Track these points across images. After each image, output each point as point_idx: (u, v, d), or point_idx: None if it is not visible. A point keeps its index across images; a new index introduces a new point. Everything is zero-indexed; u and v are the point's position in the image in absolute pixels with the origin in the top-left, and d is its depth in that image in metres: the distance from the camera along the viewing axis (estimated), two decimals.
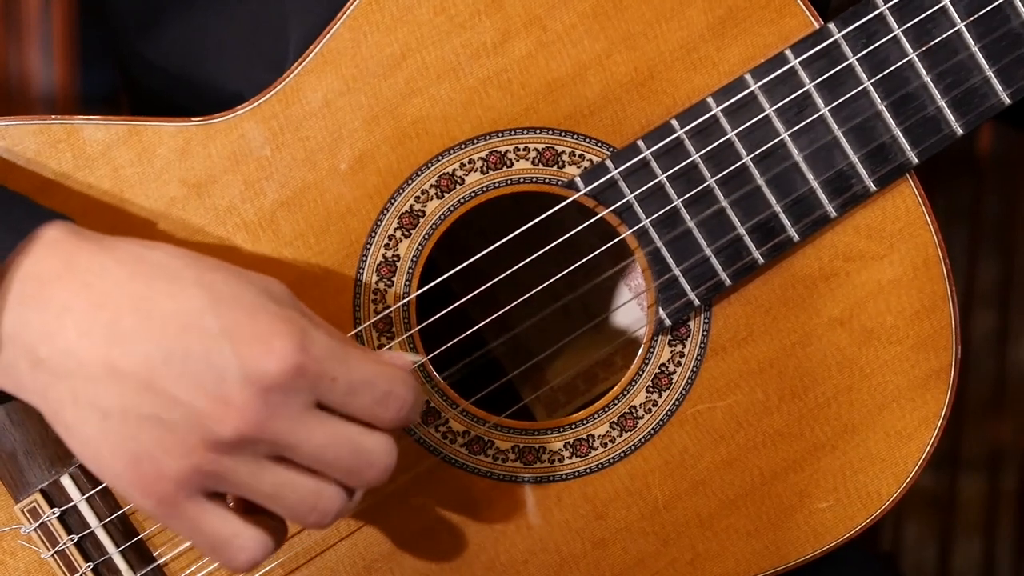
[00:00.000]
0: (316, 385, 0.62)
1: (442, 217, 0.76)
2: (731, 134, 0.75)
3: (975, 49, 0.74)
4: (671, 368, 0.77)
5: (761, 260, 0.76)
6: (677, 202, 0.76)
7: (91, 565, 0.74)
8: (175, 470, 0.61)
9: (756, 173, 0.76)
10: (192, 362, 0.60)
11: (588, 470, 0.78)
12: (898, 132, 0.75)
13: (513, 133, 0.75)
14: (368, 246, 0.76)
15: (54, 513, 0.73)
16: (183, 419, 0.60)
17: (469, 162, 0.75)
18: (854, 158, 0.76)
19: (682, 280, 0.76)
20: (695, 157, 0.75)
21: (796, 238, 0.76)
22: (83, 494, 0.74)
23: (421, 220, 0.75)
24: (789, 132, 0.75)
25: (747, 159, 0.75)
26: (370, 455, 0.64)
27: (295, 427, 0.61)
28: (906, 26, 0.74)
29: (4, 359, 0.63)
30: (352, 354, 0.64)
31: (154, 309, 0.61)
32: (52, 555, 0.74)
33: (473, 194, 0.76)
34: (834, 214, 0.76)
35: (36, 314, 0.62)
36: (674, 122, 0.75)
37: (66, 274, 0.62)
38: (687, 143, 0.75)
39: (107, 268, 0.62)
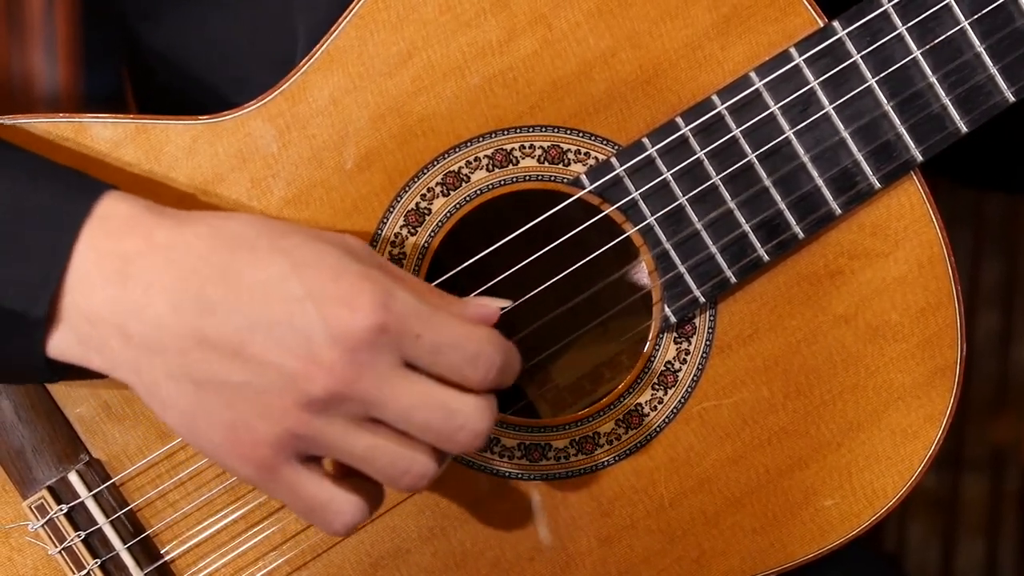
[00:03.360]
0: (400, 342, 0.62)
1: (448, 215, 0.76)
2: (736, 131, 0.75)
3: (979, 47, 0.75)
4: (676, 366, 0.77)
5: (766, 257, 0.76)
6: (682, 200, 0.76)
7: (98, 562, 0.74)
8: (271, 434, 0.61)
9: (761, 171, 0.76)
10: (279, 327, 0.61)
11: (594, 467, 0.78)
12: (903, 130, 0.76)
13: (519, 131, 0.76)
14: (374, 243, 0.76)
15: (61, 510, 0.73)
16: (274, 382, 0.61)
17: (475, 160, 0.76)
18: (859, 155, 0.76)
19: (687, 278, 0.76)
20: (700, 155, 0.75)
21: (801, 235, 0.76)
22: (90, 491, 0.74)
23: (427, 217, 0.76)
24: (794, 130, 0.75)
25: (752, 157, 0.75)
26: (461, 418, 0.63)
27: (383, 385, 0.61)
28: (910, 24, 0.74)
29: (96, 338, 0.63)
30: (438, 313, 0.63)
31: (238, 279, 0.62)
32: (60, 552, 0.74)
33: (479, 192, 0.76)
34: (839, 212, 0.76)
35: (123, 292, 0.62)
36: (679, 120, 0.75)
37: (148, 251, 0.63)
38: (692, 141, 0.75)
39: (188, 243, 0.63)
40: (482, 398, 0.64)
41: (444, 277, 0.76)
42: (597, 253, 0.77)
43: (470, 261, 0.76)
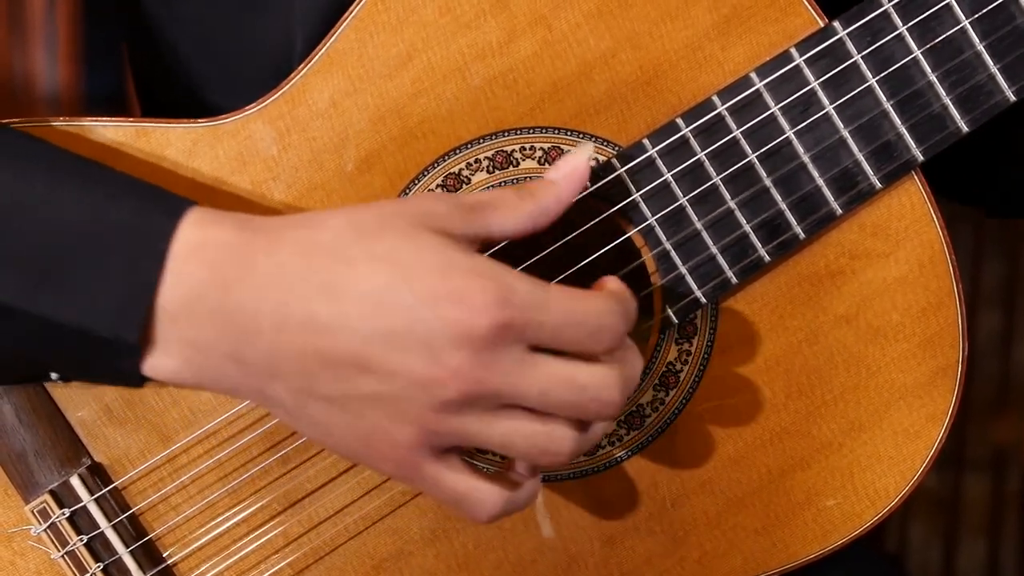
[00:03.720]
0: (524, 334, 0.61)
1: None
2: (736, 132, 0.75)
3: (980, 46, 0.75)
4: (678, 366, 0.77)
5: (767, 258, 0.76)
6: (683, 200, 0.76)
7: (101, 565, 0.74)
8: (407, 437, 0.61)
9: (762, 171, 0.76)
10: (398, 337, 0.60)
11: (596, 469, 0.78)
12: (903, 130, 0.76)
13: (519, 132, 0.76)
14: None
15: (64, 514, 0.73)
16: (403, 390, 0.60)
17: (475, 162, 0.76)
18: (859, 156, 0.76)
19: (688, 278, 0.76)
20: (700, 155, 0.75)
21: (802, 236, 0.76)
22: (92, 495, 0.74)
23: None
24: (794, 130, 0.75)
25: (752, 157, 0.75)
26: (593, 390, 0.63)
27: (513, 378, 0.61)
28: (910, 23, 0.74)
29: (212, 367, 0.63)
30: (553, 293, 0.63)
31: (343, 295, 0.61)
32: (62, 556, 0.74)
33: None
34: (840, 212, 0.76)
35: (228, 322, 0.62)
36: (679, 121, 0.75)
37: (247, 277, 0.62)
38: (692, 142, 0.75)
39: (284, 265, 0.62)
40: (609, 367, 0.63)
41: None
42: (598, 254, 0.77)
43: None
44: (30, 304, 0.61)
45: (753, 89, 0.75)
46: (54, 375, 0.67)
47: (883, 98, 0.75)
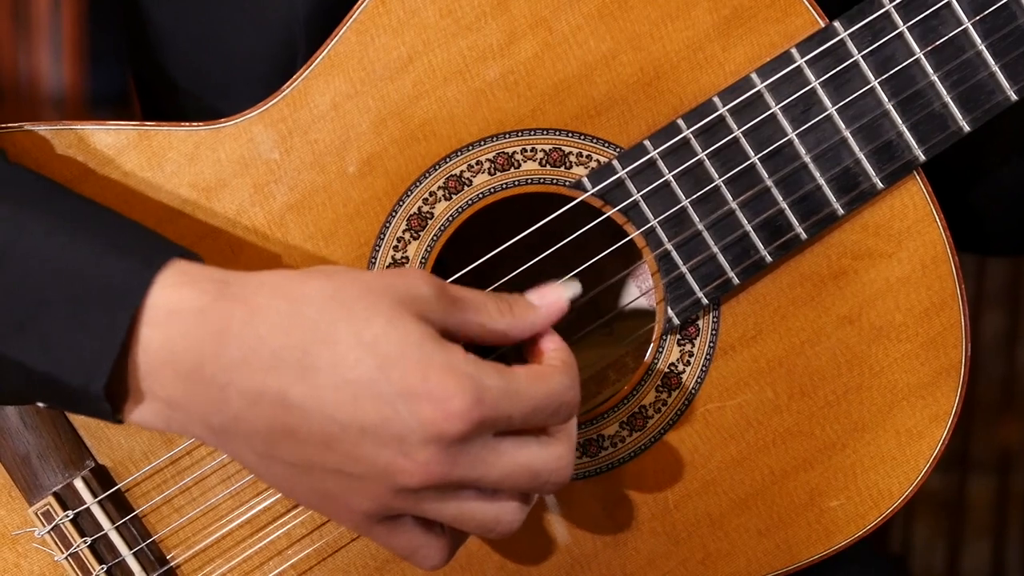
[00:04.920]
0: (494, 426, 0.63)
1: (450, 219, 0.76)
2: (737, 133, 0.75)
3: (981, 46, 0.74)
4: (680, 367, 0.77)
5: (769, 258, 0.76)
6: (685, 202, 0.76)
7: (105, 567, 0.74)
8: (364, 508, 0.63)
9: (763, 172, 0.76)
10: (371, 429, 0.61)
11: (598, 470, 0.78)
12: (905, 129, 0.76)
13: (520, 134, 0.76)
14: (377, 248, 0.76)
15: (67, 516, 0.73)
16: (367, 473, 0.62)
17: (477, 163, 0.76)
18: (861, 156, 0.76)
19: (690, 279, 0.76)
20: (702, 156, 0.75)
21: (804, 236, 0.76)
22: (96, 497, 0.74)
23: (430, 222, 0.76)
24: (796, 131, 0.75)
25: (754, 158, 0.75)
26: (547, 474, 0.65)
27: (476, 468, 0.63)
28: (911, 23, 0.74)
29: (178, 420, 0.64)
30: (520, 385, 0.64)
31: (320, 379, 0.61)
32: (66, 558, 0.74)
33: (481, 195, 0.76)
34: (841, 212, 0.76)
35: (200, 389, 0.62)
36: (680, 122, 0.75)
37: (222, 351, 0.62)
38: (694, 142, 0.75)
39: (261, 337, 0.62)
40: (564, 446, 0.65)
41: (447, 282, 0.76)
42: (600, 256, 0.77)
43: (473, 265, 0.76)
44: (6, 348, 0.63)
45: (754, 90, 0.75)
46: (42, 405, 0.68)
47: (884, 98, 0.75)
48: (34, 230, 0.64)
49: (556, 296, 0.68)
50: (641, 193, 0.75)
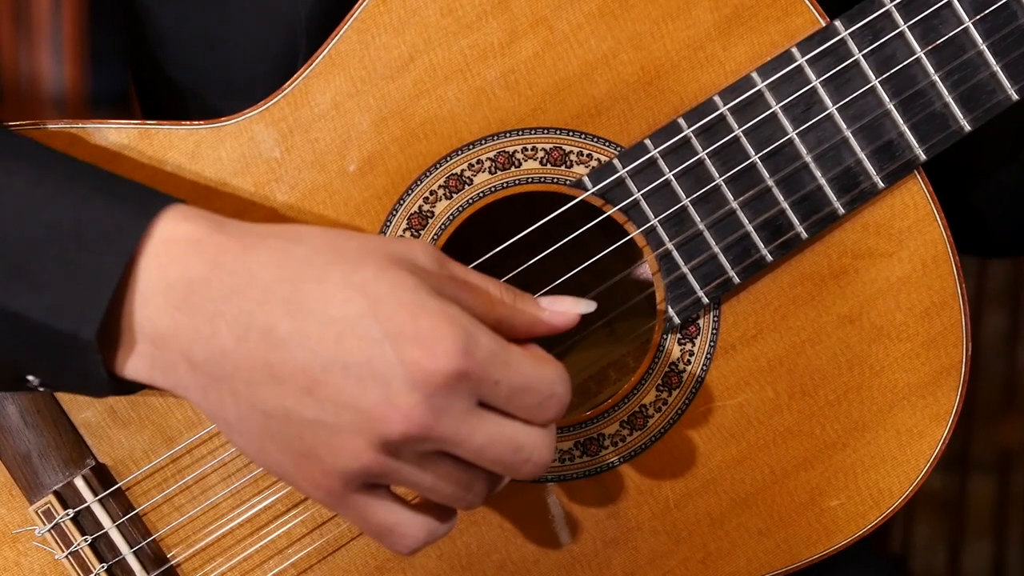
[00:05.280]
0: (479, 388, 0.61)
1: (451, 217, 0.76)
2: (738, 132, 0.75)
3: (982, 46, 0.74)
4: (681, 366, 0.77)
5: (769, 258, 0.76)
6: (685, 201, 0.76)
7: (105, 566, 0.74)
8: (341, 470, 0.61)
9: (764, 171, 0.76)
10: (354, 368, 0.59)
11: (598, 469, 0.78)
12: (905, 129, 0.76)
13: (521, 133, 0.76)
14: None
15: (68, 514, 0.74)
16: (348, 422, 0.60)
17: (477, 162, 0.76)
18: (862, 155, 0.76)
19: (691, 278, 0.76)
20: (702, 155, 0.75)
21: (804, 236, 0.76)
22: (96, 495, 0.74)
23: (430, 220, 0.76)
24: (796, 130, 0.75)
25: (755, 157, 0.75)
26: (527, 452, 0.63)
27: (459, 428, 0.60)
28: (912, 23, 0.74)
29: (162, 360, 0.63)
30: (514, 355, 0.63)
31: (309, 314, 0.60)
32: (66, 556, 0.74)
33: (482, 194, 0.76)
34: (842, 211, 0.76)
35: (188, 319, 0.61)
36: (681, 121, 0.75)
37: (214, 278, 0.61)
38: (694, 142, 0.75)
39: (253, 271, 0.61)
40: (547, 432, 0.64)
41: None
42: (600, 255, 0.77)
43: (474, 264, 0.76)
44: (1, 298, 0.62)
45: (755, 89, 0.75)
46: (32, 379, 0.66)
47: (885, 98, 0.75)
48: (24, 180, 0.63)
49: (568, 306, 0.67)
50: (642, 192, 0.75)
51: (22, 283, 0.62)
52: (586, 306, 0.68)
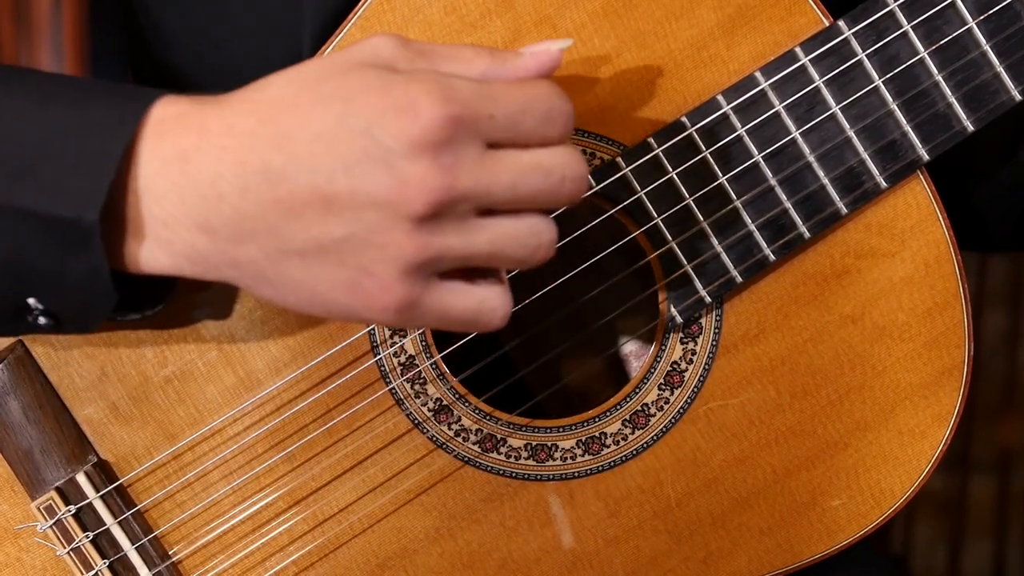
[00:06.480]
0: (476, 128, 0.59)
1: None
2: (741, 131, 0.75)
3: (986, 46, 0.74)
4: (683, 366, 0.77)
5: (772, 257, 0.76)
6: (688, 199, 0.76)
7: (107, 562, 0.75)
8: (395, 272, 0.58)
9: (767, 170, 0.76)
10: (355, 167, 0.57)
11: (600, 468, 0.78)
12: (909, 129, 0.76)
13: None
14: None
15: (70, 511, 0.74)
16: (375, 221, 0.58)
17: None
18: (864, 155, 0.76)
19: (693, 277, 0.76)
20: (705, 154, 0.75)
21: (807, 235, 0.76)
22: (98, 492, 0.74)
23: None
24: (800, 129, 0.75)
25: (757, 156, 0.76)
26: (559, 170, 0.60)
27: (479, 175, 0.58)
28: (916, 23, 0.74)
29: (180, 242, 0.62)
30: (496, 86, 0.60)
31: (295, 140, 0.59)
32: (68, 552, 0.74)
33: None
34: (845, 211, 0.76)
35: (191, 190, 0.61)
36: (684, 120, 0.75)
37: (203, 143, 0.61)
38: (697, 140, 0.75)
39: (233, 124, 0.61)
40: (567, 148, 0.61)
41: None
42: (603, 254, 0.77)
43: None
44: (5, 198, 0.62)
45: (758, 89, 0.75)
46: (33, 303, 0.65)
47: (888, 97, 0.75)
48: (21, 87, 0.64)
49: (545, 46, 0.65)
50: (644, 191, 0.75)
51: (25, 181, 0.62)
52: (563, 42, 0.66)
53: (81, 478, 0.74)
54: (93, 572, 0.74)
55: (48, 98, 0.64)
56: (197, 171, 0.61)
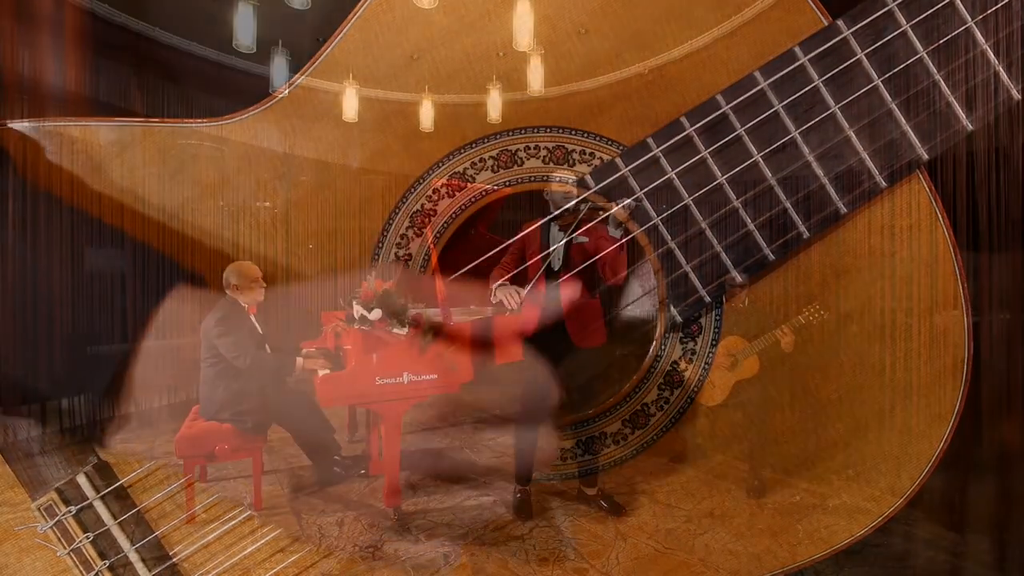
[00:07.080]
0: None
1: (453, 216, 0.76)
2: (740, 131, 0.75)
3: (984, 45, 0.74)
4: (683, 365, 0.77)
5: (772, 256, 0.76)
6: (687, 199, 0.76)
7: (107, 563, 0.74)
8: None
9: (766, 170, 0.76)
10: None
11: (601, 467, 0.78)
12: (908, 128, 0.75)
13: (523, 132, 0.76)
14: (380, 244, 0.76)
15: (70, 511, 0.73)
16: None
17: (480, 160, 0.76)
18: (864, 155, 0.76)
19: (693, 277, 0.76)
20: (704, 154, 0.75)
21: (806, 234, 0.76)
22: (99, 493, 0.74)
23: (432, 219, 0.76)
24: (799, 129, 0.75)
25: (757, 156, 0.75)
26: None
27: None
28: (915, 22, 0.74)
29: None
30: None
31: None
32: (68, 553, 0.74)
33: (484, 193, 0.76)
34: (844, 210, 0.76)
35: None
36: (684, 120, 0.75)
37: None
38: (696, 140, 0.75)
39: None
40: None
41: (455, 275, 0.76)
42: (602, 253, 0.77)
43: (477, 261, 0.76)
44: None
45: (757, 88, 0.74)
46: None
47: (887, 97, 0.75)
48: None
49: None
50: (644, 191, 0.75)
51: None
52: None
53: (82, 479, 0.74)
54: (94, 573, 0.74)
55: None
56: None
